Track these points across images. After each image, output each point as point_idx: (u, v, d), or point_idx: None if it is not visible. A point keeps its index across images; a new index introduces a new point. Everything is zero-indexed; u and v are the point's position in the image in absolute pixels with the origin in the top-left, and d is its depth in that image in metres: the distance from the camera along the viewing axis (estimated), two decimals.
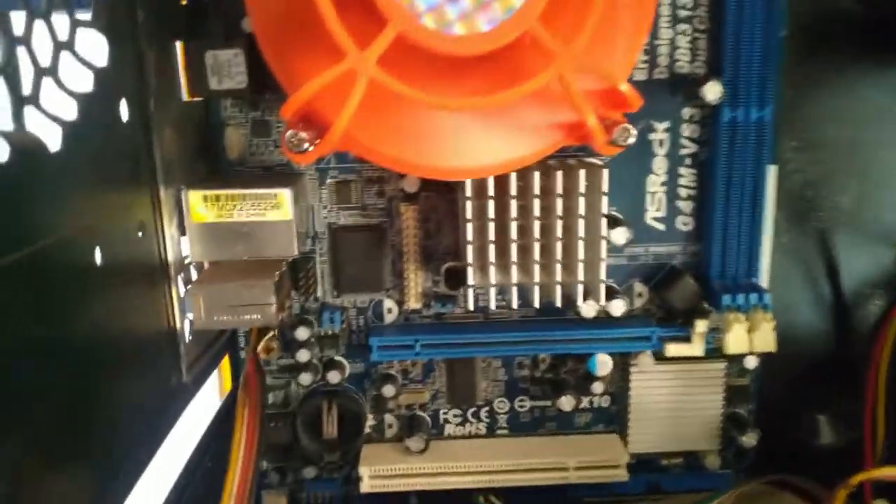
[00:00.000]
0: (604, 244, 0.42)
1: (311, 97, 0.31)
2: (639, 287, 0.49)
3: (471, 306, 0.44)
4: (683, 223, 0.49)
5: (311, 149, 0.33)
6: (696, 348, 0.48)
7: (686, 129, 0.47)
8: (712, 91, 0.44)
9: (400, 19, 0.29)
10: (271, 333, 0.47)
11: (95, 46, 0.33)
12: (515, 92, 0.30)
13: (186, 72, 0.42)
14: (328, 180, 0.47)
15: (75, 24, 0.31)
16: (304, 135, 0.33)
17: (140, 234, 0.36)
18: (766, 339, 0.46)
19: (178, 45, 0.42)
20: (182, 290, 0.40)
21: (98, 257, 0.31)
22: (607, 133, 0.33)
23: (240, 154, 0.47)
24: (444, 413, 0.52)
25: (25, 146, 0.27)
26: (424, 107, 0.32)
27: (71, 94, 0.30)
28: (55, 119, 0.29)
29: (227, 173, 0.47)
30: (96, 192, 0.32)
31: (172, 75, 0.41)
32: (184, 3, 0.43)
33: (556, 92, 0.32)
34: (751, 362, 0.50)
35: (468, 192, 0.41)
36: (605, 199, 0.42)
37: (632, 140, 0.34)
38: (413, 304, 0.48)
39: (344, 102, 0.30)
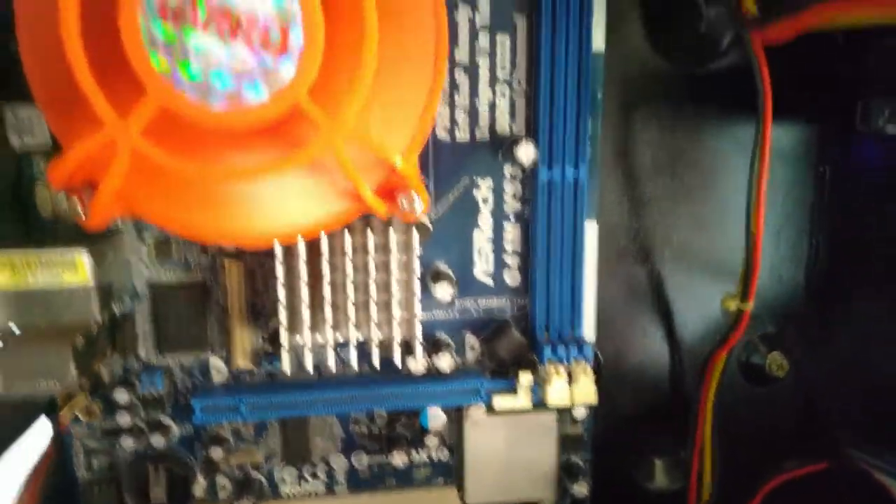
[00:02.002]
0: (417, 302, 0.43)
1: (78, 165, 0.31)
2: (471, 340, 0.50)
3: (286, 367, 0.43)
4: (511, 278, 0.50)
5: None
6: (522, 400, 0.48)
7: (509, 187, 0.48)
8: (525, 153, 0.45)
9: (158, 91, 0.29)
10: (82, 399, 0.45)
11: None
12: (283, 163, 0.30)
13: None
14: (147, 237, 0.46)
15: None
16: (77, 200, 0.32)
17: None
18: (585, 391, 0.47)
19: None
20: None
21: None
22: (389, 203, 0.34)
23: (53, 212, 0.45)
24: (280, 472, 0.51)
25: None
26: (194, 178, 0.31)
27: None
28: None
29: (40, 232, 0.45)
30: None
31: None
32: None
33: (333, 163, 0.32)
34: (579, 413, 0.52)
35: (277, 253, 0.41)
36: (416, 256, 0.42)
37: (419, 206, 0.35)
38: (240, 362, 0.47)
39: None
